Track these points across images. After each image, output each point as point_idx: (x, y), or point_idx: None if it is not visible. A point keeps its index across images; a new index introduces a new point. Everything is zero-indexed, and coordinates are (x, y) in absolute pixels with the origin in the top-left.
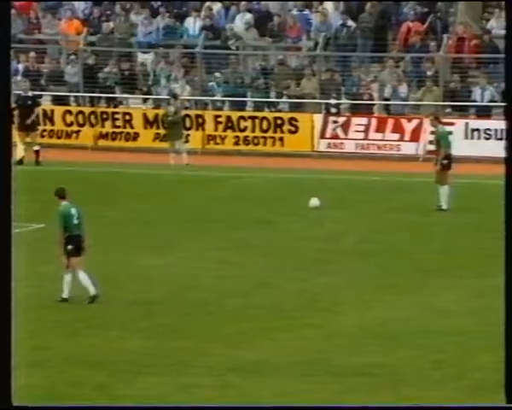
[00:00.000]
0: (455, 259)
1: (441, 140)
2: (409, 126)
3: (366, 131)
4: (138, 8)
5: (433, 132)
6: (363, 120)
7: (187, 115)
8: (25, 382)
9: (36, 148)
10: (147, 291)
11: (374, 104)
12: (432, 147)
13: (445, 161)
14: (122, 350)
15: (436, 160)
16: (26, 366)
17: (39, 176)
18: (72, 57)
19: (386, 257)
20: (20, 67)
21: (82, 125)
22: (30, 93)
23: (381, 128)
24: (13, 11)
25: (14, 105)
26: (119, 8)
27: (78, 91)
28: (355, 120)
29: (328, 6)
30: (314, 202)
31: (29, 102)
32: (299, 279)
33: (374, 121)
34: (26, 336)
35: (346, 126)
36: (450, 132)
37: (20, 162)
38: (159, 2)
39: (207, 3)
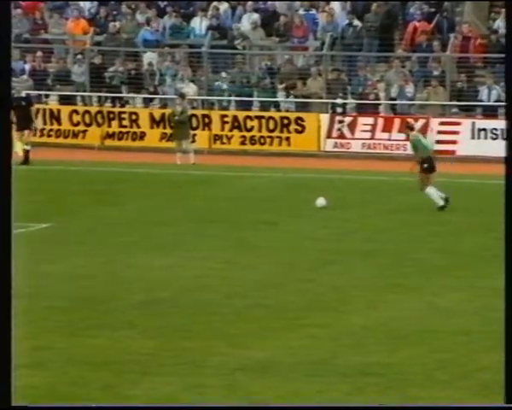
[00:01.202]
0: (459, 259)
1: (417, 146)
2: (415, 126)
3: (372, 130)
4: (144, 7)
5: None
6: (370, 120)
7: (193, 115)
8: (28, 382)
9: (27, 147)
10: (152, 291)
11: (380, 104)
12: (439, 147)
13: (426, 165)
14: (127, 350)
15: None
16: (28, 366)
17: (46, 176)
18: (79, 57)
19: (391, 257)
20: (27, 66)
21: (89, 125)
22: (24, 93)
23: (387, 128)
24: (19, 11)
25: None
26: (126, 8)
27: (84, 91)
28: (361, 120)
29: (335, 6)
30: (320, 201)
31: (23, 103)
32: (304, 279)
33: (380, 121)
34: (29, 337)
35: (352, 126)
36: (419, 136)
37: (26, 162)
38: (165, 2)
39: (214, 3)
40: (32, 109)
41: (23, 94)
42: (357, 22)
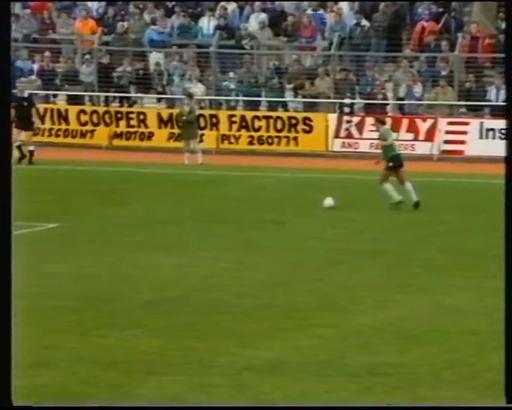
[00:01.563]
0: (467, 259)
1: (386, 138)
2: (423, 126)
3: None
4: (152, 7)
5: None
6: None
7: (201, 115)
8: (37, 381)
9: (31, 148)
10: (160, 291)
11: (388, 104)
12: (447, 147)
13: (391, 164)
14: (135, 350)
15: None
16: (38, 365)
17: (53, 175)
18: (87, 57)
19: (399, 257)
20: (35, 66)
21: (96, 125)
22: (26, 93)
23: (395, 128)
24: (28, 11)
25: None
26: (134, 8)
27: (92, 91)
28: (369, 120)
29: (343, 6)
30: (328, 201)
31: (25, 103)
32: (313, 279)
33: (388, 121)
34: (39, 336)
35: (360, 126)
36: (388, 130)
37: (21, 160)
38: (173, 2)
39: (222, 3)
40: (34, 110)
41: (25, 94)
42: (365, 22)
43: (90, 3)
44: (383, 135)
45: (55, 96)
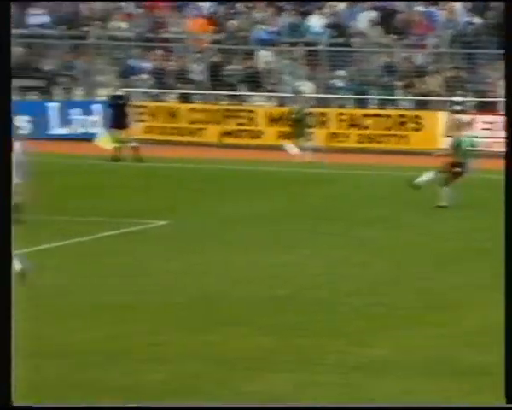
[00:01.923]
0: None
1: (460, 148)
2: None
3: (492, 129)
4: (262, 6)
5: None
6: (489, 118)
7: (310, 113)
8: (147, 377)
9: (133, 144)
10: (269, 288)
11: (500, 102)
12: None
13: (457, 169)
14: (245, 347)
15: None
16: (147, 361)
17: (163, 173)
18: (198, 55)
19: None
20: (148, 65)
21: (206, 123)
22: (120, 92)
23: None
24: (140, 10)
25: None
26: (243, 6)
27: (203, 89)
28: (481, 118)
29: (456, 3)
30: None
31: (120, 102)
32: (422, 278)
33: (500, 119)
34: (149, 332)
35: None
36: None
37: (116, 159)
38: (283, 1)
39: (330, 2)
40: (129, 108)
41: (120, 93)
42: (477, 19)
43: (201, 2)
44: (455, 142)
45: (166, 94)
